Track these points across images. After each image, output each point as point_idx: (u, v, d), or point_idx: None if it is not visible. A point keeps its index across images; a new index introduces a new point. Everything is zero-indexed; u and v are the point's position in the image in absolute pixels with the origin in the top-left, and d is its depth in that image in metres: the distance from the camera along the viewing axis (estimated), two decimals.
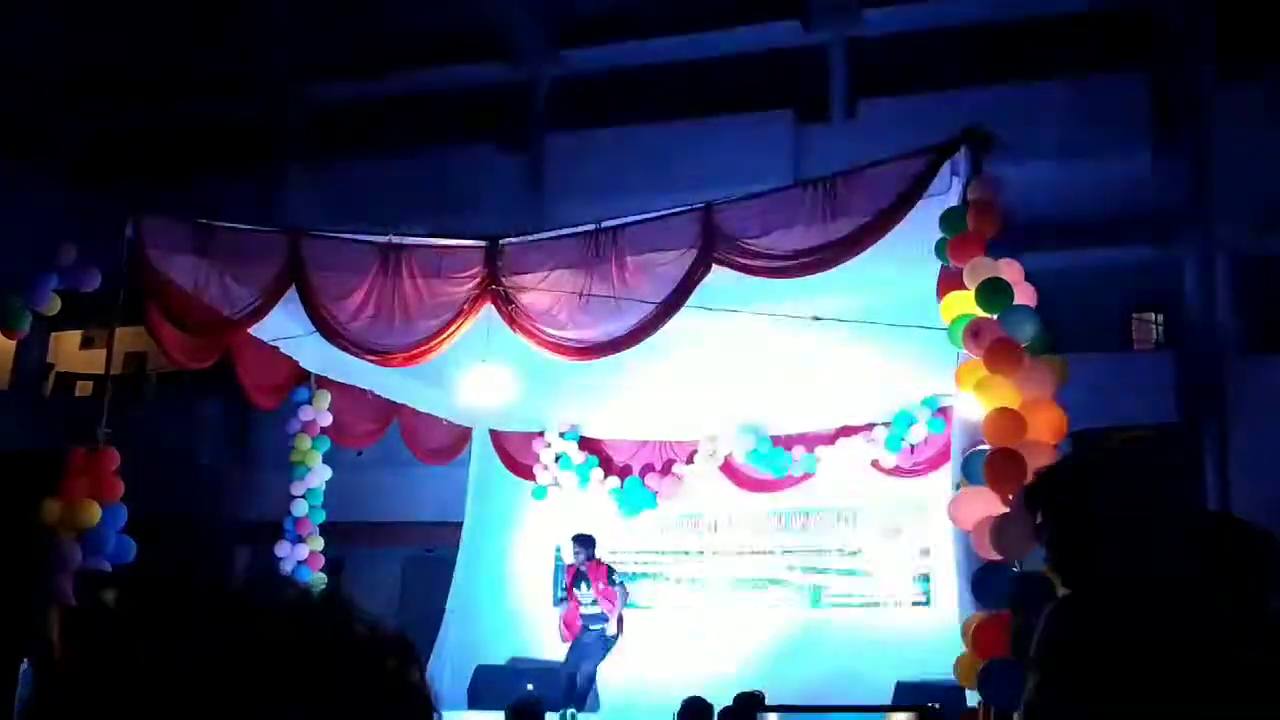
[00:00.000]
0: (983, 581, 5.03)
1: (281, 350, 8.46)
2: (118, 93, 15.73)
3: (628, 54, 14.93)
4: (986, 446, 5.17)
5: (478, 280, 7.21)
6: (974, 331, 5.35)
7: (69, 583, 6.84)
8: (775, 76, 14.63)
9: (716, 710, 7.97)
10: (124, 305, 7.58)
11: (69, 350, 16.56)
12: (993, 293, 5.39)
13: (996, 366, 5.26)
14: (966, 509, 5.21)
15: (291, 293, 7.40)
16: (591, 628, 9.23)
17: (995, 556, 4.96)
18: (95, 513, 7.13)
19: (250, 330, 7.89)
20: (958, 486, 5.47)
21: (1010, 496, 4.99)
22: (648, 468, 11.04)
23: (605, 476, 11.04)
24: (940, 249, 5.98)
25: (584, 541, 9.40)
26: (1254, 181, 12.40)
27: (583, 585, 9.26)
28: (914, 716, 7.46)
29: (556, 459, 11.12)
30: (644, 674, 9.49)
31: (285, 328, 8.13)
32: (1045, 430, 5.18)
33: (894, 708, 8.13)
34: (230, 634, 0.88)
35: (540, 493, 11.20)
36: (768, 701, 9.49)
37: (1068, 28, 13.45)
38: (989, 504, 5.06)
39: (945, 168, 6.25)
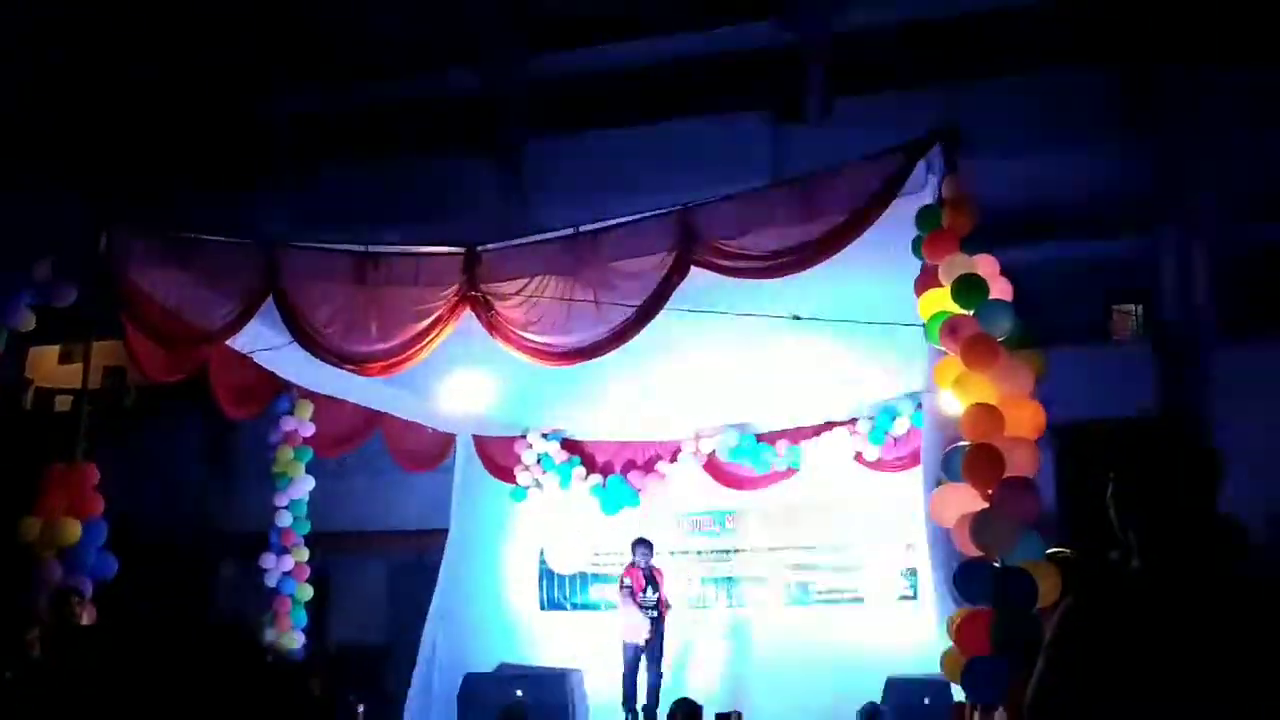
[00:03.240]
0: (964, 577, 5.04)
1: (257, 361, 8.41)
2: (91, 105, 15.64)
3: (603, 57, 14.95)
4: (965, 442, 5.18)
5: (456, 287, 7.19)
6: (950, 328, 5.37)
7: (48, 600, 6.80)
8: (751, 76, 14.66)
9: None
10: (100, 319, 7.54)
11: (48, 365, 16.47)
12: (968, 289, 5.41)
13: (973, 362, 5.27)
14: (946, 505, 5.22)
15: (269, 304, 7.37)
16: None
17: (976, 552, 4.97)
18: (75, 529, 7.09)
19: (227, 342, 7.85)
20: (939, 482, 5.48)
21: (990, 492, 5.00)
22: (630, 465, 11.05)
23: (587, 475, 11.04)
24: (916, 246, 6.00)
25: (650, 545, 9.73)
26: (1229, 171, 12.49)
27: (649, 588, 9.49)
28: None
29: (538, 460, 11.11)
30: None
31: (263, 339, 8.10)
32: (1024, 425, 5.20)
33: None
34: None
35: (519, 494, 11.18)
36: (758, 704, 9.55)
37: (1042, 22, 13.52)
38: (969, 500, 5.07)
39: (920, 165, 6.27)
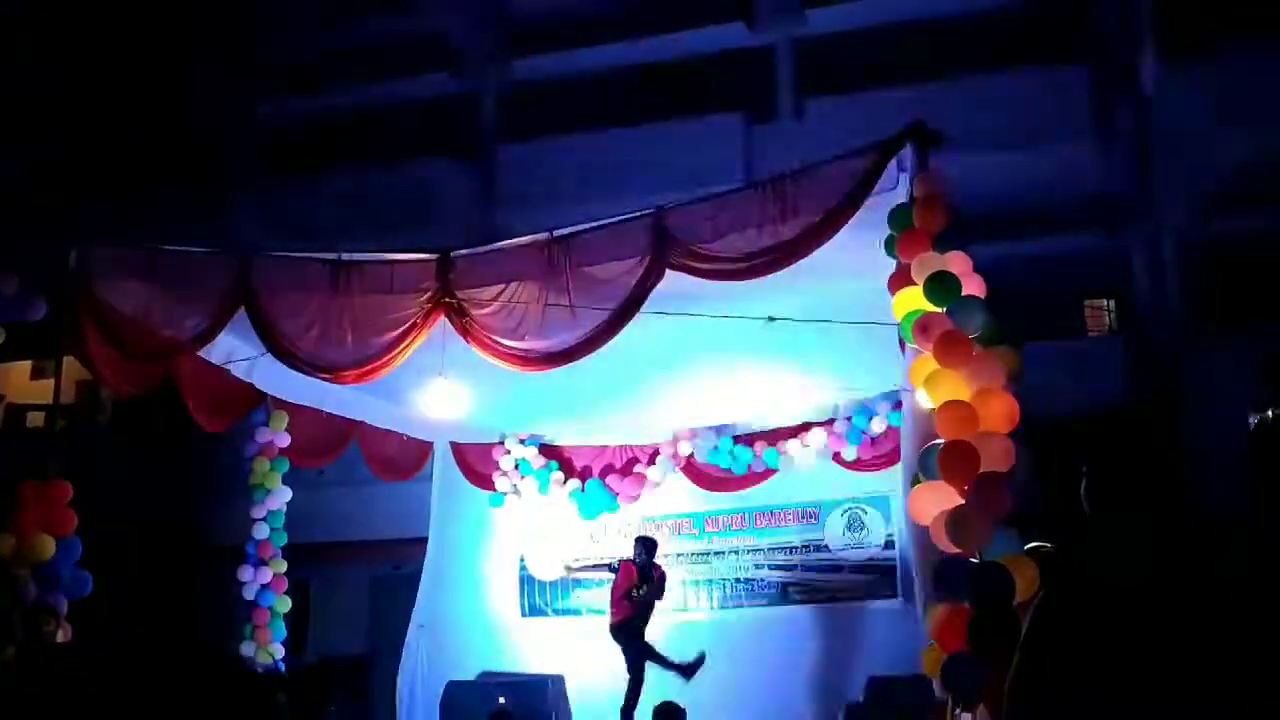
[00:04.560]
0: (943, 574, 5.06)
1: (231, 373, 8.36)
2: (61, 116, 15.51)
3: (575, 61, 14.96)
4: (940, 440, 5.20)
5: (430, 294, 7.17)
6: (923, 326, 5.40)
7: (23, 618, 6.73)
8: (723, 78, 14.71)
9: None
10: (69, 334, 7.46)
11: (20, 381, 16.30)
12: (940, 286, 5.43)
13: (946, 360, 5.30)
14: (925, 503, 5.24)
15: (242, 314, 7.33)
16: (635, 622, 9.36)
17: (953, 549, 5.00)
18: (49, 546, 7.01)
19: (201, 353, 7.80)
20: (916, 480, 5.50)
21: (966, 488, 5.02)
22: (608, 469, 11.06)
23: (566, 480, 11.03)
24: (889, 245, 6.03)
25: (651, 544, 9.69)
26: (1196, 165, 12.61)
27: (643, 585, 9.39)
28: None
29: (516, 465, 11.09)
30: (615, 679, 9.46)
31: (237, 350, 8.05)
32: (998, 420, 5.22)
33: None
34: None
35: (497, 500, 11.17)
36: (740, 706, 9.55)
37: (1007, 21, 13.63)
38: (945, 497, 5.10)
39: (892, 164, 6.29)
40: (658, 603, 9.59)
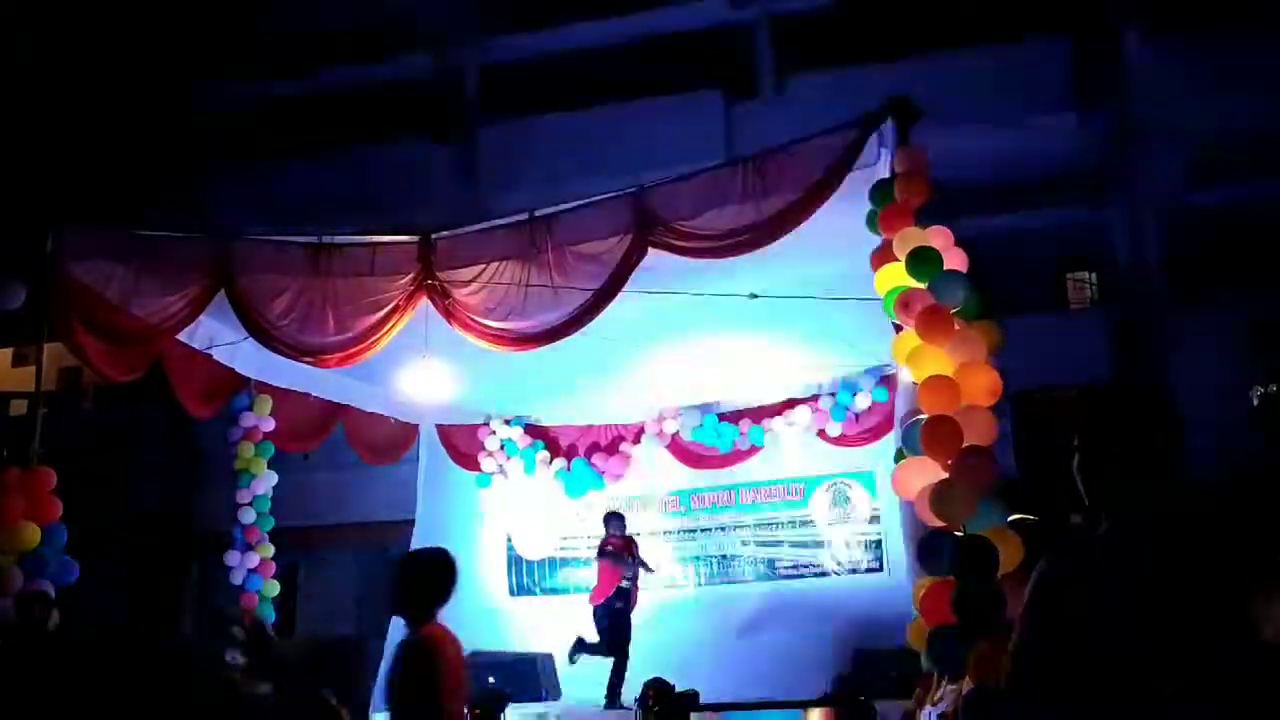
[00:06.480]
0: (927, 548, 5.08)
1: (215, 358, 8.31)
2: (37, 99, 15.34)
3: (554, 39, 14.88)
4: (924, 415, 5.21)
5: (412, 276, 7.14)
6: (905, 302, 5.40)
7: (14, 604, 6.71)
8: (703, 55, 14.65)
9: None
10: (50, 320, 7.40)
11: (1, 368, 16.19)
12: (921, 262, 5.43)
13: (928, 334, 5.30)
14: (909, 478, 5.26)
15: (224, 299, 7.28)
16: (618, 604, 9.32)
17: (938, 523, 5.02)
18: (34, 534, 6.98)
19: (183, 338, 7.74)
20: (901, 455, 5.51)
21: (949, 462, 5.04)
22: (594, 447, 11.07)
23: (552, 460, 11.04)
24: (871, 221, 6.02)
25: (622, 518, 9.71)
26: (1177, 136, 12.64)
27: (629, 558, 9.41)
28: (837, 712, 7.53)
29: (501, 446, 11.09)
30: (604, 657, 9.50)
31: (221, 334, 8.01)
32: (980, 394, 5.23)
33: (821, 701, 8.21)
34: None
35: (484, 481, 11.17)
36: (727, 681, 9.60)
37: None
38: (929, 471, 5.11)
39: (873, 140, 6.28)
40: (643, 573, 9.63)
